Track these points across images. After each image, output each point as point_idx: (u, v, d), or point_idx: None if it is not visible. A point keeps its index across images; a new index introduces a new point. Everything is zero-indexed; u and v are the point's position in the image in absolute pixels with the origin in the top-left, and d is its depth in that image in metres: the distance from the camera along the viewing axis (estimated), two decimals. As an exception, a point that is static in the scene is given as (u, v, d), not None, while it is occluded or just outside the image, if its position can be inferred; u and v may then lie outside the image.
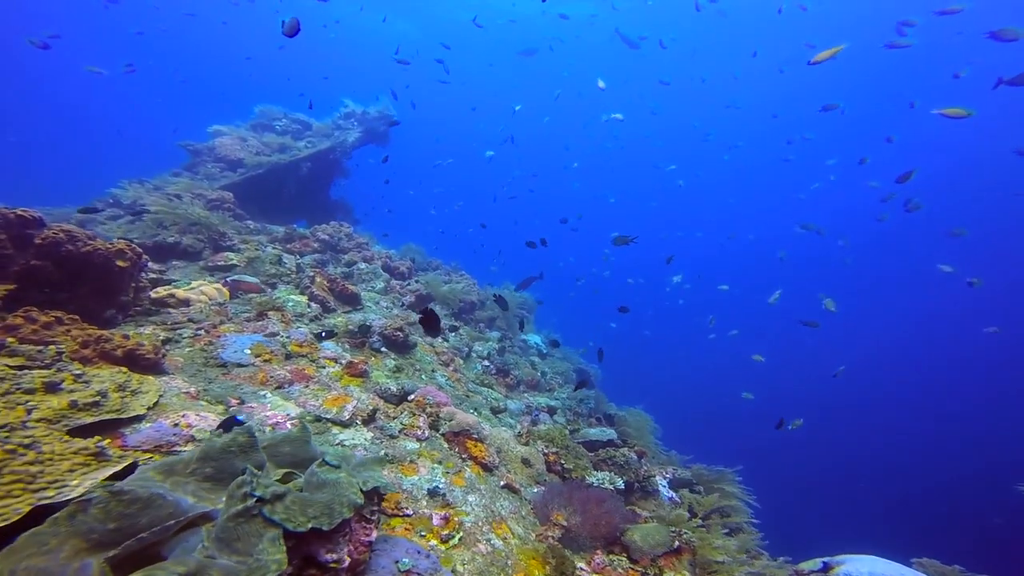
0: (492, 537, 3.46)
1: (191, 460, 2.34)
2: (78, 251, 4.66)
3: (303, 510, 2.08)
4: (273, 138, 12.27)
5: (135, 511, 1.93)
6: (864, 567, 4.39)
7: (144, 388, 3.36)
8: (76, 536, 1.84)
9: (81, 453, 2.26)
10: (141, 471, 2.24)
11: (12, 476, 2.00)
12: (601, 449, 5.81)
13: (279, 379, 4.38)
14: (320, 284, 6.74)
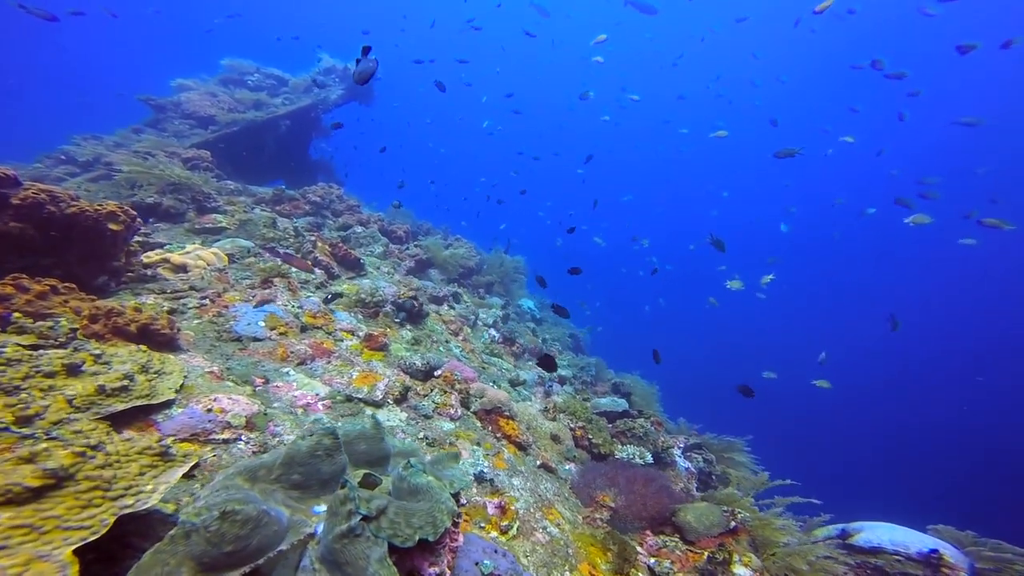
0: (547, 524, 3.33)
1: (274, 465, 2.10)
2: (62, 213, 4.21)
3: (408, 521, 1.90)
4: (247, 94, 11.47)
5: (247, 532, 1.71)
6: (884, 534, 4.47)
7: (167, 368, 3.05)
8: (190, 559, 1.63)
9: (147, 453, 1.99)
10: (227, 477, 1.99)
11: (89, 483, 1.73)
12: (618, 420, 5.74)
13: (300, 354, 4.10)
14: (322, 249, 6.37)
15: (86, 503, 1.69)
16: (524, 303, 9.98)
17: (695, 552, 3.64)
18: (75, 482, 1.72)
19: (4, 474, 1.60)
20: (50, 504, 1.64)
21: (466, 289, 8.67)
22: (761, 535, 3.96)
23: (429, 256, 8.29)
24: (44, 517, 1.60)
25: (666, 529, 3.88)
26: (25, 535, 1.54)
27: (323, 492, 2.20)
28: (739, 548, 3.71)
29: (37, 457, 1.68)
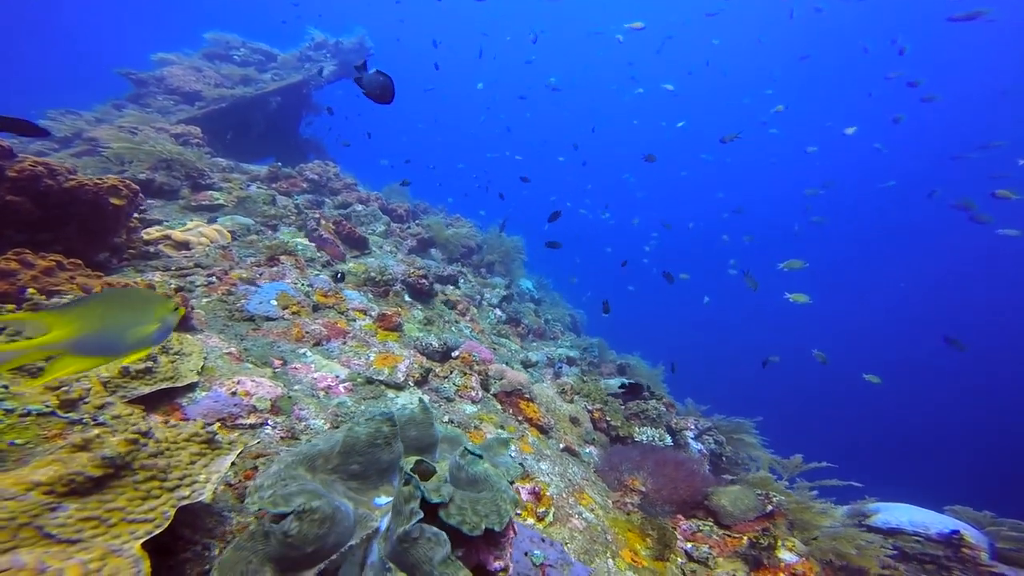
0: (581, 510, 3.30)
1: (331, 454, 2.00)
2: (60, 186, 4.00)
3: (474, 509, 1.83)
4: (234, 69, 11.03)
5: (325, 531, 1.63)
6: (903, 515, 4.50)
7: (187, 349, 2.91)
8: (270, 560, 1.56)
9: (194, 440, 1.87)
10: (288, 466, 1.89)
11: (145, 473, 1.62)
12: (630, 402, 5.74)
13: (315, 334, 3.97)
14: (326, 227, 6.18)
15: (146, 494, 1.59)
16: (523, 283, 9.90)
17: (733, 537, 3.62)
18: (132, 471, 1.61)
19: (63, 463, 1.49)
20: (112, 495, 1.53)
21: (469, 269, 8.55)
22: (800, 519, 3.90)
23: (431, 235, 8.13)
24: (109, 509, 1.50)
25: (698, 513, 3.86)
26: (95, 528, 1.45)
27: (381, 482, 2.12)
28: (780, 532, 3.70)
29: (91, 444, 1.57)
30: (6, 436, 1.66)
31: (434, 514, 1.87)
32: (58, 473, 1.46)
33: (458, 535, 1.83)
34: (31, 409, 1.80)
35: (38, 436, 1.72)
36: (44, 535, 1.38)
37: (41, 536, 1.38)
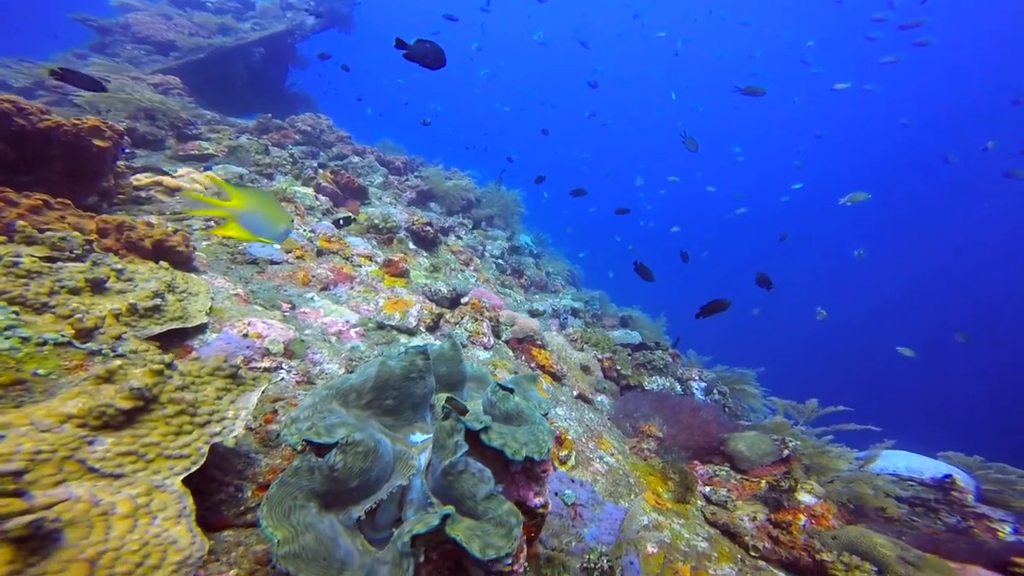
0: (602, 454, 3.26)
1: (364, 389, 1.88)
2: (33, 126, 3.71)
3: (514, 437, 1.74)
4: (208, 17, 10.33)
5: (368, 465, 1.54)
6: (900, 461, 4.59)
7: (193, 288, 2.74)
8: (316, 496, 1.48)
9: (218, 374, 1.74)
10: (322, 400, 1.77)
11: (174, 406, 1.49)
12: (636, 352, 5.70)
13: (322, 279, 3.81)
14: (324, 176, 5.91)
15: (178, 429, 1.47)
16: (522, 238, 9.73)
17: (750, 481, 3.62)
18: (161, 405, 1.48)
19: (91, 395, 1.36)
20: (145, 429, 1.41)
21: (470, 221, 8.35)
22: (817, 463, 3.92)
23: (430, 187, 7.87)
24: (145, 444, 1.38)
25: (714, 459, 3.85)
26: (135, 463, 1.34)
27: (415, 419, 2.02)
28: (799, 475, 3.72)
29: (115, 376, 1.43)
30: (27, 365, 1.52)
31: (473, 446, 1.78)
32: (88, 405, 1.33)
33: (497, 471, 1.75)
34: (47, 338, 1.65)
35: (60, 367, 1.58)
36: (88, 468, 1.29)
37: (86, 470, 1.29)
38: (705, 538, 3.09)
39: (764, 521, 3.35)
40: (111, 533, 1.26)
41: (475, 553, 1.46)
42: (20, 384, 1.45)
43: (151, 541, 1.31)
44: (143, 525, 1.32)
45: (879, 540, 3.15)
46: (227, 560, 1.75)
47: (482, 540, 1.50)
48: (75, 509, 1.24)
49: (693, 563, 2.81)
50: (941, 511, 4.16)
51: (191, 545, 1.39)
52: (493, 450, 1.72)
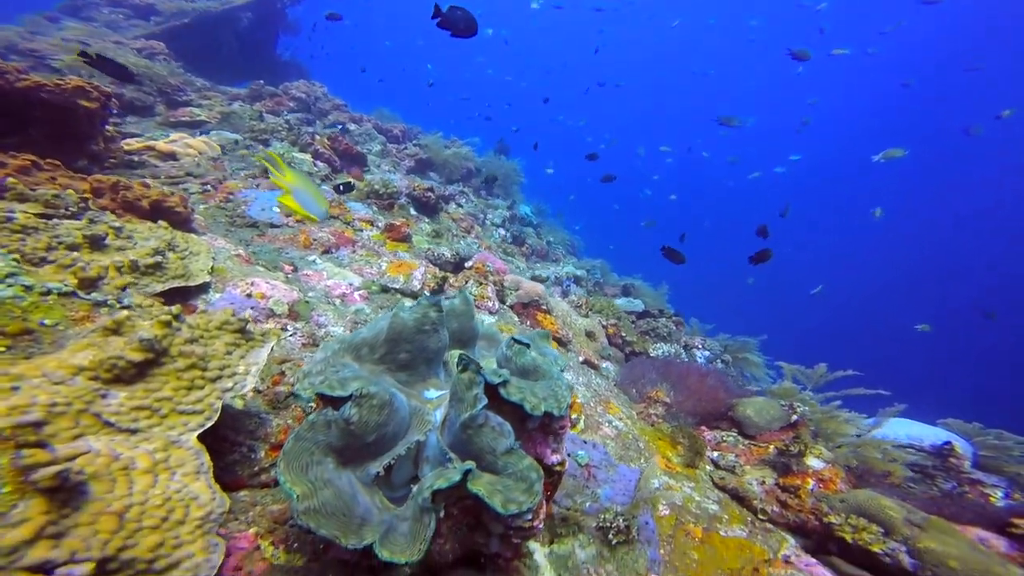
0: (611, 418, 3.23)
1: (377, 343, 1.81)
2: (11, 86, 3.57)
3: (533, 392, 1.67)
4: None
5: (384, 419, 1.50)
6: (900, 429, 4.61)
7: (194, 248, 2.65)
8: (333, 451, 1.44)
9: (226, 329, 1.67)
10: (334, 353, 1.70)
11: (185, 360, 1.43)
12: (640, 320, 5.67)
13: (323, 242, 3.73)
14: (322, 142, 5.76)
15: (189, 384, 1.41)
16: (522, 208, 9.61)
17: (758, 446, 3.61)
18: (171, 358, 1.42)
19: (100, 347, 1.30)
20: (157, 383, 1.36)
21: (470, 190, 8.21)
22: (826, 428, 3.91)
23: (429, 156, 7.70)
24: (158, 398, 1.34)
25: (722, 424, 3.83)
26: (149, 418, 1.30)
27: (429, 374, 1.96)
28: (808, 440, 3.70)
29: (123, 328, 1.37)
30: (34, 315, 1.45)
31: (490, 402, 1.73)
32: (99, 357, 1.28)
33: (513, 427, 1.71)
34: (51, 287, 1.58)
35: (66, 318, 1.52)
36: (105, 423, 1.25)
37: (102, 424, 1.25)
38: (716, 501, 3.09)
39: (772, 485, 3.36)
40: (134, 488, 1.24)
41: (497, 508, 1.42)
42: (28, 334, 1.39)
43: (173, 496, 1.28)
44: (163, 480, 1.28)
45: (887, 503, 3.16)
46: (245, 519, 1.71)
47: (503, 495, 1.46)
48: (97, 463, 1.20)
49: (704, 525, 2.82)
50: (938, 477, 4.21)
51: (212, 501, 1.35)
52: (510, 405, 1.66)
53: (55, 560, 1.05)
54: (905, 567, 2.79)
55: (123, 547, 1.15)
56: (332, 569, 1.70)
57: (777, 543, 2.97)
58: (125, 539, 1.16)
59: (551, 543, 2.24)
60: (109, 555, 1.12)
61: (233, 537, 1.64)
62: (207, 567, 1.29)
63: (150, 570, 1.18)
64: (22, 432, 1.10)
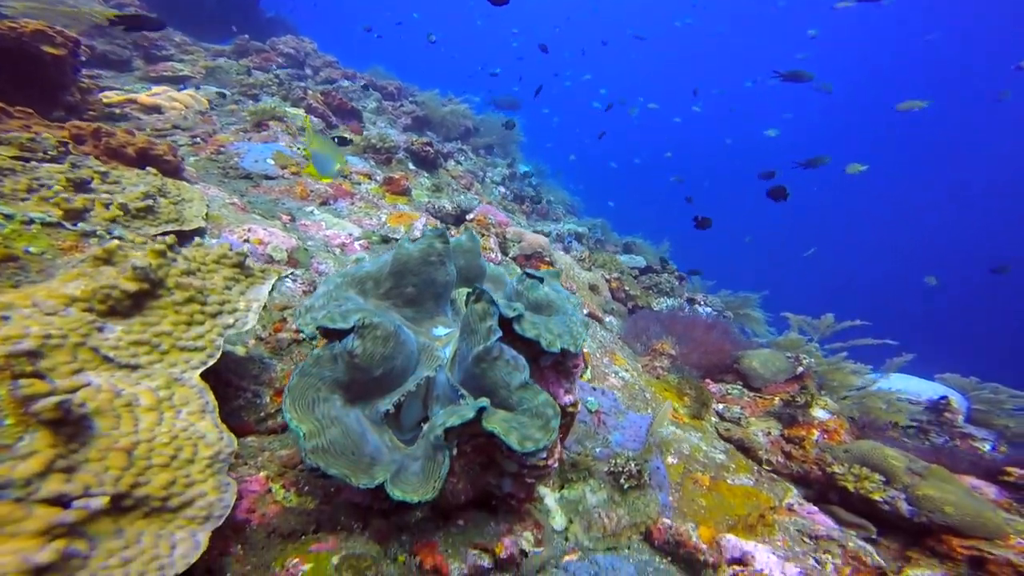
0: (617, 369, 3.20)
1: (381, 276, 1.74)
2: None
3: (547, 328, 1.60)
4: None
5: (390, 351, 1.43)
6: (898, 384, 4.64)
7: (187, 195, 2.54)
8: (339, 387, 1.40)
9: (224, 263, 1.60)
10: (336, 287, 1.63)
11: (183, 293, 1.36)
12: (642, 276, 5.61)
13: (321, 194, 3.62)
14: (315, 97, 5.55)
15: (189, 319, 1.35)
16: (521, 167, 9.43)
17: (763, 398, 3.60)
18: (168, 291, 1.35)
19: (91, 276, 1.22)
20: (155, 317, 1.29)
21: (469, 148, 8.02)
22: (831, 379, 3.91)
23: (426, 113, 7.48)
24: (157, 333, 1.28)
25: (727, 377, 3.82)
26: (149, 353, 1.25)
27: (437, 311, 1.90)
28: (814, 391, 3.69)
29: (114, 257, 1.29)
30: (17, 242, 1.37)
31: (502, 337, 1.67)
32: (91, 287, 1.20)
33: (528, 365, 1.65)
34: (33, 216, 1.49)
35: (52, 247, 1.44)
36: (104, 357, 1.20)
37: (101, 358, 1.20)
38: (722, 451, 3.10)
39: (778, 436, 3.37)
40: (140, 425, 1.20)
41: (513, 445, 1.37)
42: (13, 261, 1.31)
43: (180, 435, 1.24)
44: (169, 419, 1.24)
45: (890, 452, 3.18)
46: (254, 464, 1.68)
47: (520, 432, 1.40)
48: (99, 398, 1.15)
49: (712, 473, 2.83)
50: (931, 432, 4.26)
51: (220, 440, 1.31)
52: (523, 342, 1.60)
53: (70, 494, 1.02)
54: (903, 514, 2.84)
55: (135, 484, 1.12)
56: (344, 512, 1.68)
57: (782, 491, 3.00)
58: (136, 476, 1.13)
59: (561, 488, 2.23)
60: (123, 491, 1.09)
61: (244, 480, 1.61)
62: (220, 506, 1.26)
63: (164, 508, 1.16)
64: (17, 362, 1.04)
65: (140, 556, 1.10)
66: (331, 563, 1.49)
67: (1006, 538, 2.61)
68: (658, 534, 2.15)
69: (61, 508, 0.99)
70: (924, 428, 4.32)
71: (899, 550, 2.82)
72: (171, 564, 1.13)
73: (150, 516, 1.16)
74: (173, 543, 1.16)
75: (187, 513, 1.20)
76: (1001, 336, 32.97)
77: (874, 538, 2.83)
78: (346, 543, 1.57)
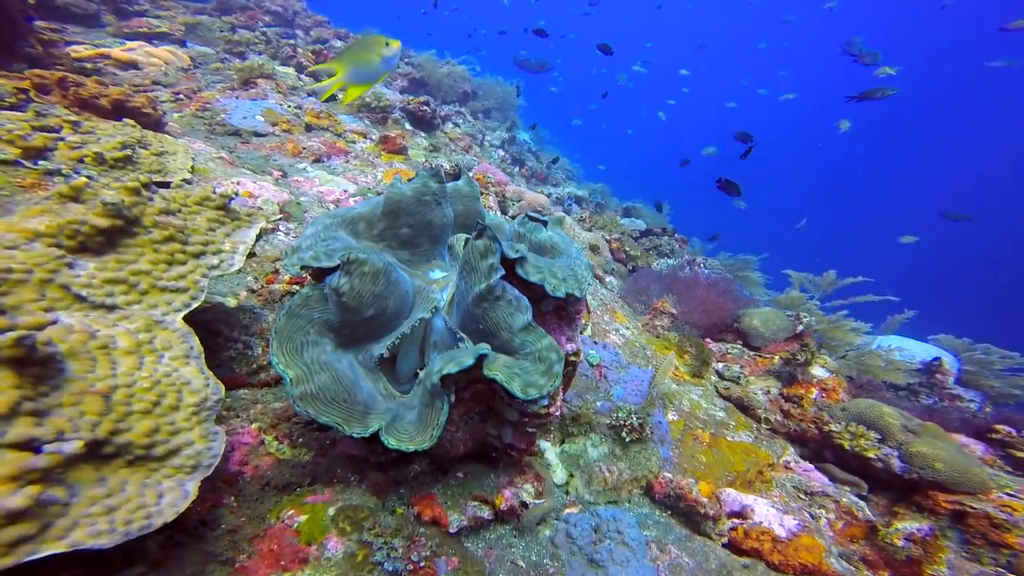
0: (618, 327, 3.14)
1: (374, 217, 1.66)
2: None
3: (551, 271, 1.52)
4: None
5: (381, 290, 1.36)
6: (893, 342, 4.62)
7: (170, 148, 2.43)
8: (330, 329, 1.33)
9: (207, 205, 1.51)
10: (325, 228, 1.55)
11: (161, 231, 1.27)
12: (643, 238, 5.53)
13: (314, 151, 3.50)
14: (305, 54, 5.35)
15: (169, 257, 1.27)
16: (520, 134, 9.23)
17: (763, 357, 3.56)
18: (145, 229, 1.27)
19: (56, 212, 1.14)
20: (131, 255, 1.22)
21: (467, 110, 7.82)
22: (831, 337, 3.87)
23: (423, 75, 7.23)
24: (134, 271, 1.20)
25: (726, 336, 3.78)
26: (126, 293, 1.17)
27: (433, 254, 1.82)
28: (814, 349, 3.65)
29: (82, 194, 1.21)
30: None
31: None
32: (58, 222, 1.12)
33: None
34: None
35: (11, 184, 1.35)
36: (76, 296, 1.12)
37: (73, 297, 1.12)
38: (722, 408, 3.08)
39: (777, 395, 3.36)
40: (118, 368, 1.13)
41: (516, 392, 1.29)
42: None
43: (163, 380, 1.18)
44: (150, 363, 1.17)
45: (887, 410, 3.17)
46: (246, 416, 1.63)
47: (523, 379, 1.32)
48: (71, 339, 1.08)
49: (712, 430, 2.81)
50: (921, 394, 4.26)
51: (205, 387, 1.25)
52: (525, 285, 1.52)
53: (41, 438, 0.97)
54: (894, 470, 2.86)
55: (115, 431, 1.06)
56: (340, 464, 1.64)
57: (780, 448, 3.00)
58: (116, 423, 1.07)
59: (562, 442, 2.20)
60: (101, 438, 1.04)
61: (236, 432, 1.56)
62: (208, 455, 1.21)
63: (149, 456, 1.11)
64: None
65: (125, 504, 1.05)
66: (327, 514, 1.46)
67: (988, 492, 2.65)
68: (659, 488, 2.13)
69: (33, 453, 0.94)
70: (915, 390, 4.32)
71: (887, 506, 2.86)
72: (159, 512, 1.09)
73: (134, 464, 1.11)
74: (160, 492, 1.12)
75: (173, 462, 1.15)
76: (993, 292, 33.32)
77: (865, 495, 2.86)
78: (342, 495, 1.54)
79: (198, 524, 1.31)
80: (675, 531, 1.99)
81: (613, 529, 1.76)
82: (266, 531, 1.37)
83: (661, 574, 1.69)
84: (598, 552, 1.68)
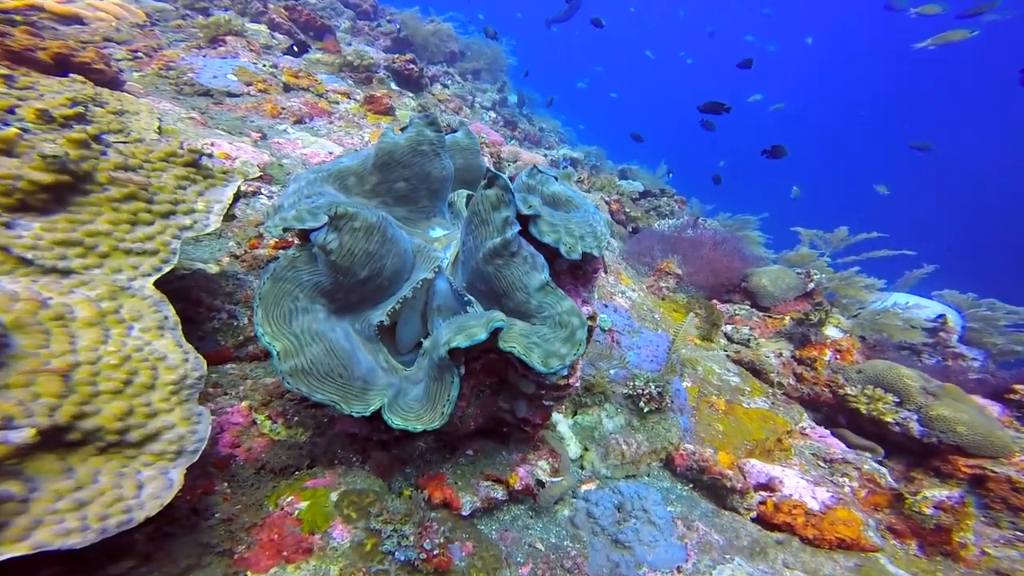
0: (624, 289, 3.01)
1: (365, 171, 1.47)
2: None
3: (567, 229, 1.32)
4: None
5: (375, 248, 1.19)
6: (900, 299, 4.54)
7: (129, 107, 2.18)
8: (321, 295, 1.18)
9: (173, 161, 1.32)
10: (310, 183, 1.37)
11: (120, 189, 1.09)
12: (641, 200, 5.36)
13: (295, 112, 3.27)
14: (278, 11, 5.00)
15: (132, 217, 1.09)
16: (511, 96, 8.92)
17: (773, 318, 3.44)
18: (100, 186, 1.09)
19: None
20: (87, 215, 1.04)
21: (456, 71, 7.49)
22: (843, 295, 3.76)
23: (407, 34, 6.86)
24: (90, 231, 1.03)
25: (734, 296, 3.65)
26: (83, 256, 0.99)
27: (433, 210, 1.65)
28: (827, 308, 3.55)
29: (15, 147, 1.02)
30: None
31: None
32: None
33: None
34: None
35: None
36: (20, 259, 0.97)
37: (16, 260, 0.97)
38: (736, 373, 2.98)
39: (789, 358, 3.26)
40: (78, 343, 0.98)
41: (536, 365, 1.12)
42: None
43: (133, 355, 1.03)
44: (117, 336, 1.01)
45: (905, 371, 3.08)
46: (236, 394, 1.48)
47: (542, 348, 1.15)
48: (16, 307, 0.92)
49: (727, 396, 2.71)
50: (923, 353, 4.20)
51: (184, 362, 1.09)
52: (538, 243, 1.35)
53: (-17, 426, 0.83)
54: (913, 434, 2.78)
55: (80, 415, 0.92)
56: (341, 444, 1.50)
57: (797, 414, 2.90)
58: (80, 405, 0.93)
59: (575, 414, 2.07)
60: (62, 423, 0.90)
61: (224, 412, 1.41)
62: (193, 439, 1.07)
63: (123, 442, 0.98)
64: None
65: (99, 497, 0.92)
66: (330, 499, 1.33)
67: (1011, 456, 2.59)
68: (680, 460, 2.02)
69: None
70: (917, 350, 4.26)
71: (903, 471, 2.80)
72: (139, 505, 0.96)
73: (107, 452, 0.97)
74: (139, 482, 0.99)
75: (153, 448, 1.02)
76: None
77: (880, 460, 2.79)
78: (345, 478, 1.41)
79: (189, 513, 1.19)
80: (700, 506, 1.88)
81: (639, 507, 1.65)
82: (265, 519, 1.25)
83: (690, 553, 1.59)
84: (623, 532, 1.57)
